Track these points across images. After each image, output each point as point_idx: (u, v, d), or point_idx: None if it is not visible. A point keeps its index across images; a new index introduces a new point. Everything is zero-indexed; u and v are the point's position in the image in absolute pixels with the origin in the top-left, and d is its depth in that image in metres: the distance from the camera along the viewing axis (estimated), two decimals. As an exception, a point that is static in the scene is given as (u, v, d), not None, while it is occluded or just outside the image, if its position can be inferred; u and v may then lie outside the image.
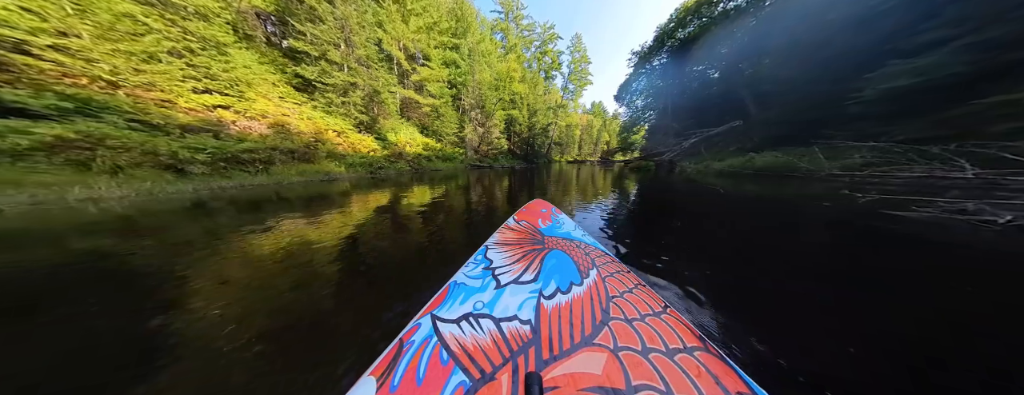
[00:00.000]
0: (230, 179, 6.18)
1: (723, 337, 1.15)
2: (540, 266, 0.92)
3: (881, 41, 9.64)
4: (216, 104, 7.86)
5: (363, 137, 13.18)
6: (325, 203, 4.60)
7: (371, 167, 10.73)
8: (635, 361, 0.52)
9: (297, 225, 3.16)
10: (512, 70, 26.62)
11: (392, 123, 16.25)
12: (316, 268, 1.93)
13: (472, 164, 20.21)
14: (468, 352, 0.57)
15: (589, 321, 0.64)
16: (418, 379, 0.52)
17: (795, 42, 14.87)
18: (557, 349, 0.56)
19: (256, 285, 1.67)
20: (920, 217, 2.94)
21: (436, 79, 19.41)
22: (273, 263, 2.03)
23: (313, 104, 11.96)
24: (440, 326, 0.67)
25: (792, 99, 14.77)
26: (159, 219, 3.48)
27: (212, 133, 7.04)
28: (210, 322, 1.26)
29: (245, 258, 2.12)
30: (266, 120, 9.14)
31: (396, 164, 12.87)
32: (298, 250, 2.28)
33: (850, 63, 10.74)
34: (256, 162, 6.80)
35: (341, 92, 12.59)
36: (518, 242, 1.21)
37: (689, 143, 19.59)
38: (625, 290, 0.80)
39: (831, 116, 10.85)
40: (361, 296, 1.58)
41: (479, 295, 0.78)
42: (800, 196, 4.92)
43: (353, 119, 13.09)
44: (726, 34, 21.48)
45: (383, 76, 15.04)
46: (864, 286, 1.61)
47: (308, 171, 8.01)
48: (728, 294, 1.54)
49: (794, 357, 1.04)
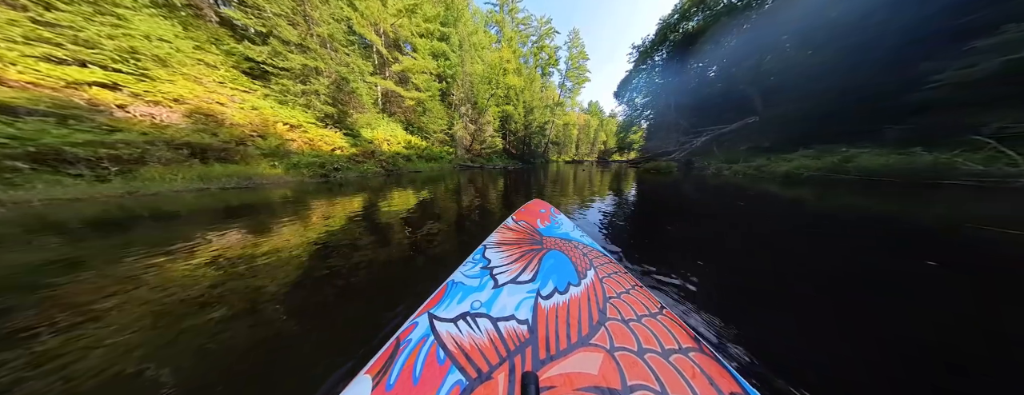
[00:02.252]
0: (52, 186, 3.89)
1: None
2: (538, 266, 0.90)
3: (953, 13, 7.63)
4: (93, 81, 5.56)
5: (328, 133, 10.89)
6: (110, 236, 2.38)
7: (323, 169, 8.41)
8: (631, 361, 0.52)
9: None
10: (505, 61, 24.37)
11: (368, 118, 13.95)
12: None
13: (462, 164, 17.97)
14: (465, 351, 0.55)
15: (586, 321, 0.63)
16: (414, 378, 0.50)
17: (826, 24, 12.91)
18: (554, 349, 0.55)
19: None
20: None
21: (421, 70, 17.11)
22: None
23: (265, 92, 9.67)
24: (437, 325, 0.65)
25: (817, 90, 12.84)
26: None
27: (72, 117, 4.75)
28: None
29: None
30: (182, 106, 6.85)
31: (363, 165, 10.58)
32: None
33: (898, 44, 8.77)
34: (106, 161, 4.44)
35: (299, 79, 10.28)
36: (516, 242, 1.18)
37: (701, 141, 17.57)
38: (622, 291, 0.79)
39: (888, 107, 8.87)
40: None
41: (477, 294, 0.76)
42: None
43: (316, 111, 10.80)
44: (736, 24, 19.60)
45: (356, 62, 12.76)
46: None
47: (213, 176, 5.66)
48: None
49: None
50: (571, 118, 49.78)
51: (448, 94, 20.09)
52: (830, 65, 12.25)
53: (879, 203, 3.85)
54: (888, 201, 3.97)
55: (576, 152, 55.87)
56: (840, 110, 11.14)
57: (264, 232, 2.63)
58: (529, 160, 29.98)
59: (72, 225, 2.84)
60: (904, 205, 3.66)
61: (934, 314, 1.28)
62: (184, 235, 2.47)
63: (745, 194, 4.97)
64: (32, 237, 2.48)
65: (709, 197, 4.95)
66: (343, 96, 12.12)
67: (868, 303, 1.38)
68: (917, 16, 8.14)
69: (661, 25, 25.46)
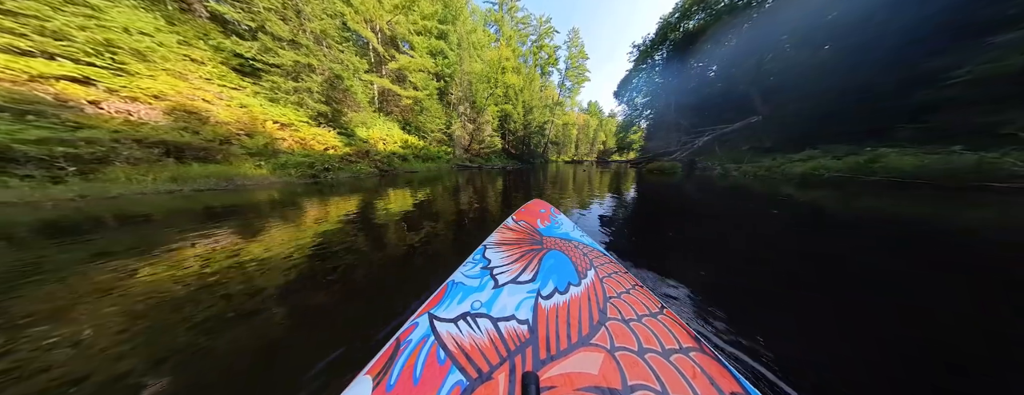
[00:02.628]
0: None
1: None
2: (538, 266, 0.89)
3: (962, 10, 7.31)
4: (61, 75, 5.16)
5: (321, 132, 10.50)
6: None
7: (313, 169, 8.01)
8: (631, 361, 0.51)
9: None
10: (505, 58, 23.99)
11: (363, 116, 13.55)
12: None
13: (459, 164, 17.59)
14: (465, 351, 0.54)
15: (586, 321, 0.62)
16: (415, 378, 0.49)
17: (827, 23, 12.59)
18: (554, 349, 0.54)
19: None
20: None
21: (418, 68, 16.71)
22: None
23: (256, 89, 9.27)
24: (437, 325, 0.63)
25: (817, 91, 12.53)
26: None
27: (33, 113, 4.36)
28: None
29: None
30: (162, 103, 6.45)
31: (356, 165, 10.18)
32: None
33: (903, 42, 8.43)
34: (62, 160, 3.99)
35: (291, 76, 9.89)
36: (516, 242, 1.16)
37: (702, 140, 17.23)
38: (623, 291, 0.78)
39: (891, 107, 8.53)
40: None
41: (477, 294, 0.75)
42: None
43: (308, 110, 10.41)
44: (737, 23, 19.28)
45: (350, 60, 12.36)
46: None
47: (190, 176, 5.23)
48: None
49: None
50: (571, 118, 49.45)
51: (446, 93, 19.70)
52: (835, 65, 11.92)
53: (936, 209, 3.41)
54: (930, 206, 3.58)
55: (575, 152, 55.54)
56: (841, 110, 10.84)
57: (235, 243, 2.25)
58: (529, 160, 29.62)
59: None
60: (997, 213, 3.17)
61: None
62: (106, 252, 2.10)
63: (770, 198, 4.58)
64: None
65: (730, 201, 4.56)
66: (337, 94, 11.73)
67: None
68: (934, 8, 7.79)
69: (662, 23, 25.12)
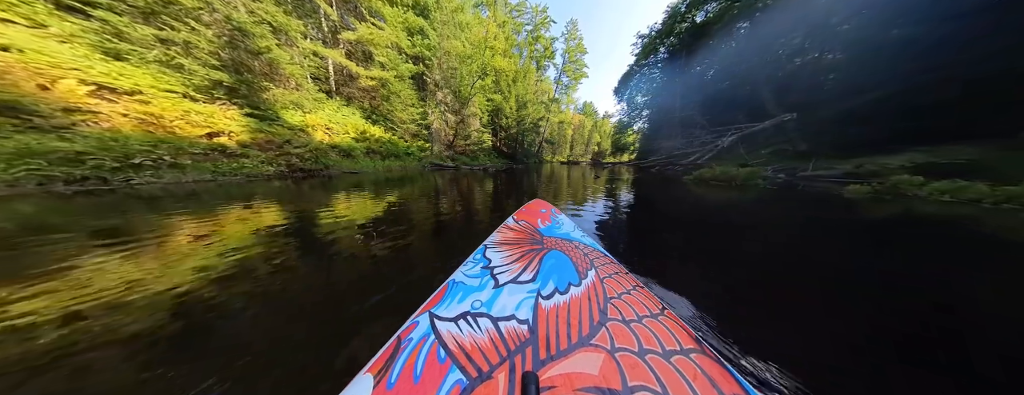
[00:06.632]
0: None
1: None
2: (538, 266, 0.86)
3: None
4: None
5: (208, 109, 6.74)
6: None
7: (84, 166, 4.14)
8: (632, 362, 0.50)
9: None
10: (492, 37, 20.19)
11: (298, 97, 9.75)
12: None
13: (434, 163, 13.88)
14: (465, 351, 0.53)
15: (586, 322, 0.60)
16: (415, 377, 0.48)
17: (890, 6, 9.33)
18: (554, 349, 0.52)
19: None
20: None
21: (386, 44, 12.92)
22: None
23: (81, 29, 5.49)
24: (438, 324, 0.62)
25: (894, 77, 9.28)
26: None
27: None
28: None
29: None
30: None
31: (240, 161, 6.37)
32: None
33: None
34: None
35: (141, 15, 6.10)
36: (517, 242, 1.12)
37: (727, 140, 13.91)
38: (623, 291, 0.76)
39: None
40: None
41: (477, 294, 0.73)
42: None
43: (193, 76, 6.63)
44: (761, 10, 15.96)
45: (272, 12, 8.58)
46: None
47: None
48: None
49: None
50: (567, 116, 46.03)
51: (425, 79, 15.95)
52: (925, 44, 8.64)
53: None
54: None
55: (571, 153, 52.27)
56: (935, 104, 7.69)
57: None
58: (521, 159, 26.03)
59: None
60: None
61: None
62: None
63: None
64: None
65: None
66: (247, 59, 7.94)
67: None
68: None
69: (669, 12, 21.80)
